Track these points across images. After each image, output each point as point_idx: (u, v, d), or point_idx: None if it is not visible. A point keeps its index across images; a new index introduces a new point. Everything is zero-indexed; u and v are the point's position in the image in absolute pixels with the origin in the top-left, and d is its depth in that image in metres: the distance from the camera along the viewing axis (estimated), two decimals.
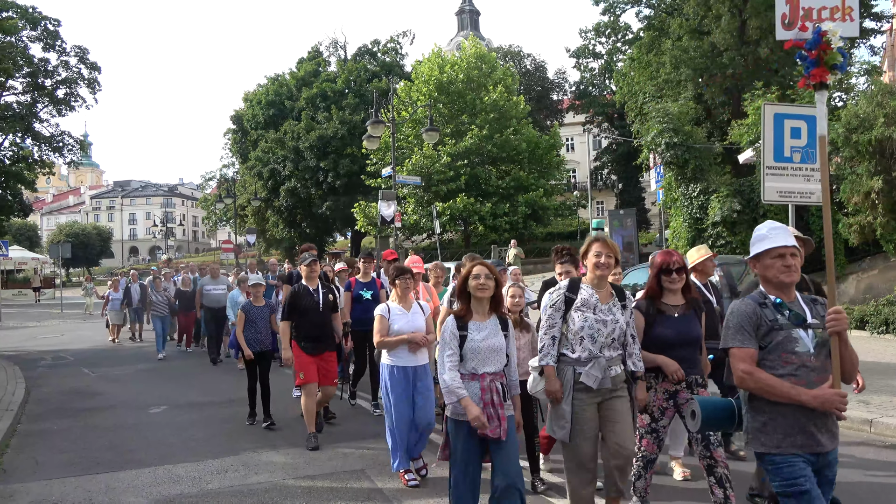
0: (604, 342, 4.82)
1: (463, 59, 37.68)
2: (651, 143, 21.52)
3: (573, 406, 4.78)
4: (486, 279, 4.81)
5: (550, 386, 4.88)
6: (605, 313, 4.87)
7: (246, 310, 9.11)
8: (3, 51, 33.66)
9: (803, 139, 9.79)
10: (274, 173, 48.43)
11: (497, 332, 4.82)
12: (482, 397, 4.67)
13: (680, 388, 5.24)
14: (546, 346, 4.93)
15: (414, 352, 6.45)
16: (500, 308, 4.99)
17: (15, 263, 48.11)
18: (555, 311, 4.95)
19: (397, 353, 6.44)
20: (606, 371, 4.79)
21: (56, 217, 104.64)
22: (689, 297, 5.41)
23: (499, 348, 4.78)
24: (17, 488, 6.50)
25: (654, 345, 5.23)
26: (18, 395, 10.87)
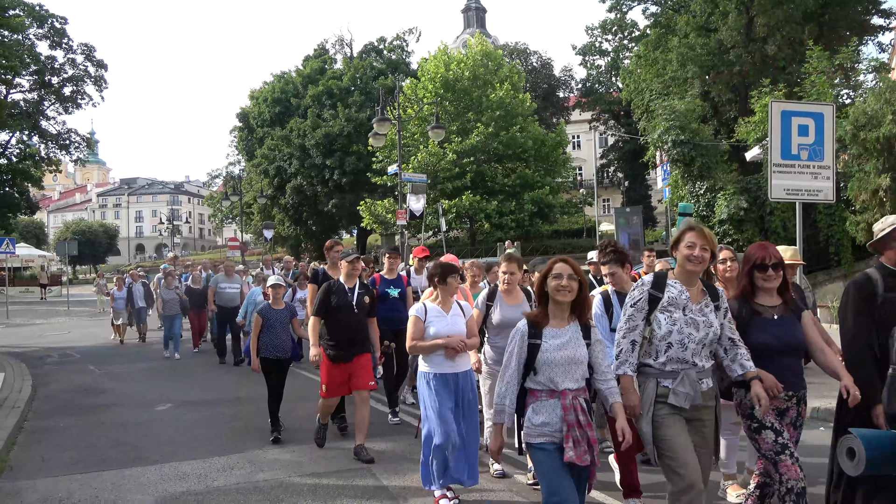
0: (694, 349, 4.15)
1: (469, 57, 37.62)
2: (658, 140, 21.48)
3: (654, 425, 4.13)
4: (570, 280, 4.11)
5: (628, 400, 4.21)
6: (697, 314, 4.20)
7: (264, 313, 8.19)
8: (10, 49, 33.68)
9: (811, 136, 9.76)
10: (280, 171, 48.44)
11: (578, 342, 4.13)
12: (565, 418, 4.00)
13: (790, 404, 4.50)
14: (624, 353, 4.24)
15: (452, 358, 5.73)
16: (584, 314, 4.27)
17: (22, 261, 48.26)
18: (636, 311, 4.26)
19: (434, 359, 5.76)
20: (697, 385, 4.13)
21: (63, 214, 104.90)
22: (787, 297, 4.65)
23: (579, 360, 4.10)
24: (24, 485, 6.51)
25: (752, 354, 4.36)
26: (25, 392, 10.89)
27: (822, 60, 19.75)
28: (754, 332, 4.45)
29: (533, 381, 4.11)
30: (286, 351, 8.23)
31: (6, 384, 11.42)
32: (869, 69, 22.29)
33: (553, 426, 4.02)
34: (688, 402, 4.09)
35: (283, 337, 8.17)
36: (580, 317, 4.23)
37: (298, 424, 8.65)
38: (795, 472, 4.21)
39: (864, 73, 22.22)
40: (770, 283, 4.54)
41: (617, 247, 5.98)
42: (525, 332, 4.15)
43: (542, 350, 4.08)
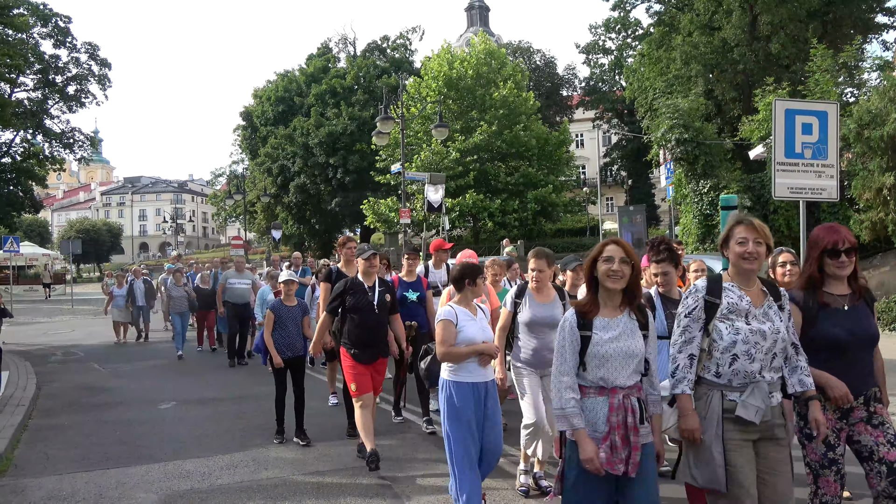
0: (763, 360, 3.67)
1: (472, 55, 37.58)
2: (661, 139, 21.47)
3: (725, 444, 3.63)
4: (621, 264, 3.67)
5: (687, 423, 3.71)
6: (762, 320, 3.72)
7: (275, 309, 7.90)
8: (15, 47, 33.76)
9: (814, 135, 9.74)
10: (283, 169, 48.48)
11: (633, 333, 3.72)
12: (609, 419, 3.62)
13: (857, 404, 4.05)
14: (681, 369, 3.76)
15: (486, 365, 5.32)
16: (638, 300, 3.83)
17: (26, 259, 48.34)
18: (692, 321, 3.79)
19: (465, 366, 5.23)
20: (768, 398, 3.64)
21: (67, 213, 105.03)
22: (857, 286, 4.16)
23: (635, 353, 3.68)
24: (29, 483, 6.53)
25: (820, 349, 3.99)
26: (30, 390, 10.91)
27: (826, 59, 19.72)
28: (823, 326, 4.02)
29: (580, 377, 3.73)
30: (298, 349, 7.94)
31: (11, 382, 11.45)
32: (873, 67, 22.23)
33: (596, 427, 3.65)
34: (758, 416, 3.61)
35: (295, 334, 7.90)
36: (633, 305, 3.81)
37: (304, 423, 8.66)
38: (835, 489, 3.97)
39: (868, 72, 22.18)
40: (843, 270, 4.08)
41: (671, 244, 5.62)
42: (574, 323, 3.75)
43: (592, 342, 3.68)
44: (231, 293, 14.14)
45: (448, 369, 5.31)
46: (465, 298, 5.45)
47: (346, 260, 8.37)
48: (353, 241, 8.58)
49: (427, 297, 8.35)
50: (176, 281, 15.85)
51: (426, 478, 6.39)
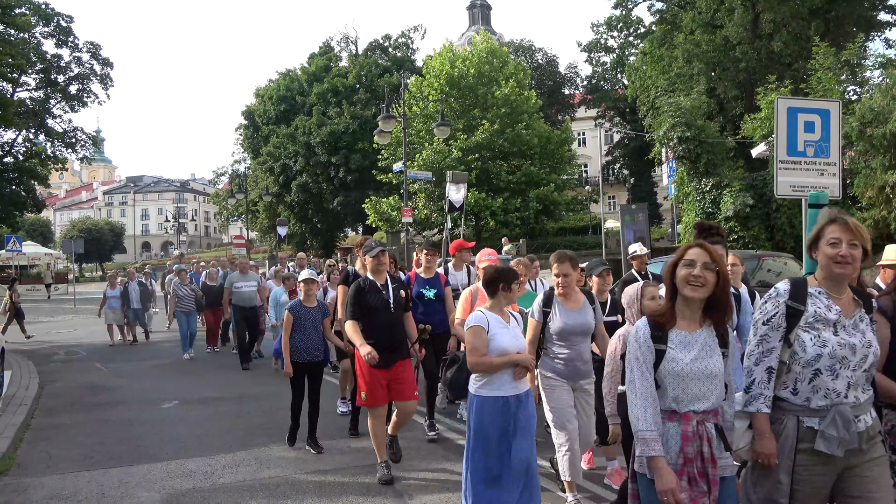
0: (850, 378, 3.23)
1: (474, 54, 37.56)
2: (663, 137, 21.46)
3: (795, 475, 3.24)
4: (704, 269, 3.20)
5: (762, 446, 3.30)
6: (851, 332, 3.28)
7: (295, 311, 7.47)
8: (17, 47, 33.82)
9: (817, 133, 9.71)
10: (285, 168, 48.52)
11: (713, 350, 3.24)
12: (684, 449, 3.18)
13: None
14: (757, 384, 3.34)
15: (520, 377, 4.87)
16: (721, 314, 3.31)
17: (28, 259, 48.48)
18: (771, 329, 3.35)
19: (495, 379, 4.82)
20: (852, 425, 3.18)
21: (69, 212, 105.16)
22: None
23: (714, 374, 3.21)
24: (31, 482, 6.54)
25: None
26: (32, 389, 10.92)
27: (828, 57, 19.70)
28: None
29: None
30: (318, 353, 7.49)
31: (13, 381, 11.46)
32: (875, 65, 22.19)
33: (668, 457, 3.19)
34: (841, 448, 3.16)
35: (315, 337, 7.47)
36: (715, 318, 3.32)
37: (302, 421, 8.65)
38: None
39: (871, 70, 22.15)
40: None
41: (720, 229, 5.13)
42: (647, 334, 3.30)
43: (667, 358, 3.23)
44: (238, 296, 13.73)
45: (476, 382, 4.91)
46: (498, 304, 5.04)
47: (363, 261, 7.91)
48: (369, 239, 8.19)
49: (446, 295, 7.92)
50: (182, 280, 15.41)
51: (428, 477, 6.39)
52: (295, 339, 7.42)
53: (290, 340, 7.40)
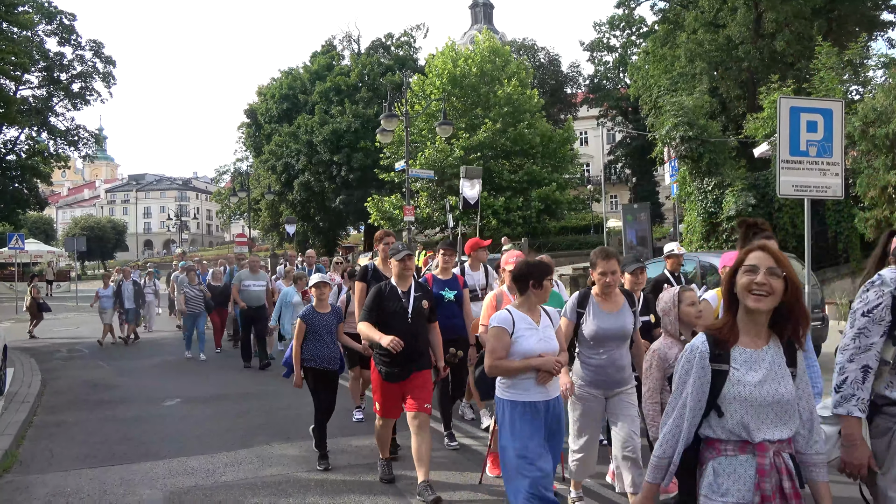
0: None
1: (476, 53, 37.57)
2: (665, 136, 21.43)
3: None
4: (769, 276, 2.76)
5: (852, 455, 3.03)
6: None
7: (308, 318, 6.93)
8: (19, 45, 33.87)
9: (819, 133, 9.72)
10: (287, 167, 48.52)
11: (782, 371, 2.80)
12: (760, 485, 2.73)
13: None
14: (850, 383, 3.04)
15: (545, 382, 4.47)
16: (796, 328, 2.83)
17: (31, 256, 48.48)
18: (872, 322, 3.06)
19: (521, 383, 4.48)
20: None
21: (71, 210, 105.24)
22: None
23: (786, 399, 2.77)
24: (34, 480, 6.55)
25: None
26: (35, 386, 10.94)
27: (831, 56, 19.68)
28: None
29: (715, 427, 2.82)
30: (334, 361, 7.00)
31: (16, 379, 11.48)
32: (878, 65, 22.19)
33: (741, 495, 2.75)
34: None
35: (330, 346, 6.96)
36: (785, 332, 2.85)
37: (305, 419, 8.66)
38: None
39: (874, 69, 22.16)
40: None
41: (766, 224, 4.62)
42: (706, 353, 2.83)
43: (731, 381, 2.78)
44: (246, 295, 13.27)
45: (501, 385, 4.61)
46: (528, 303, 4.64)
47: (384, 257, 7.42)
48: (392, 236, 7.68)
49: (464, 297, 7.45)
50: (190, 280, 14.79)
51: (431, 475, 6.38)
52: (309, 347, 6.90)
53: (304, 349, 6.89)
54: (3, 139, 39.59)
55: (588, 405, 5.13)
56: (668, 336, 4.71)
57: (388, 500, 5.80)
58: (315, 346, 6.90)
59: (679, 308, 4.65)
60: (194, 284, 14.70)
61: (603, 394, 5.12)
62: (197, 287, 14.69)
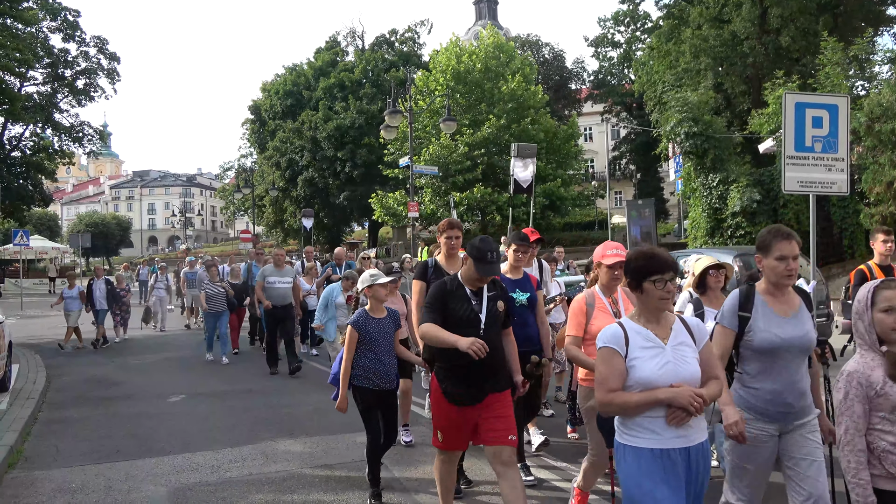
0: None
1: (481, 49, 37.53)
2: (670, 132, 21.41)
3: None
4: None
5: None
6: None
7: (361, 325, 5.60)
8: (24, 42, 33.91)
9: (825, 128, 9.68)
10: (292, 163, 48.59)
11: None
12: None
13: None
14: None
15: (680, 423, 3.20)
16: None
17: (36, 253, 48.59)
18: None
19: (646, 423, 3.24)
20: None
21: (76, 207, 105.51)
22: None
23: None
24: (39, 475, 6.56)
25: None
26: (39, 383, 10.96)
27: (836, 52, 19.63)
28: None
29: None
30: (391, 378, 5.67)
31: (21, 375, 11.50)
32: (884, 60, 22.15)
33: None
34: None
35: (386, 358, 5.63)
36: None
37: (309, 416, 8.68)
38: None
39: (879, 65, 22.12)
40: None
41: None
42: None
43: None
44: (271, 293, 11.95)
45: (620, 425, 3.36)
46: (647, 310, 3.38)
47: (447, 251, 6.14)
48: (458, 226, 6.20)
49: (538, 301, 6.14)
50: (212, 276, 13.69)
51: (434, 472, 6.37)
52: (361, 361, 5.60)
53: (356, 363, 5.61)
54: (8, 136, 39.69)
55: (752, 449, 3.68)
56: (866, 349, 3.28)
57: (392, 496, 5.79)
58: (369, 360, 5.60)
59: (872, 312, 3.24)
60: (216, 281, 13.65)
61: (775, 427, 3.71)
62: (219, 284, 13.63)
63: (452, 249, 6.11)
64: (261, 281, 12.19)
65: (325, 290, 10.26)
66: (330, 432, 7.79)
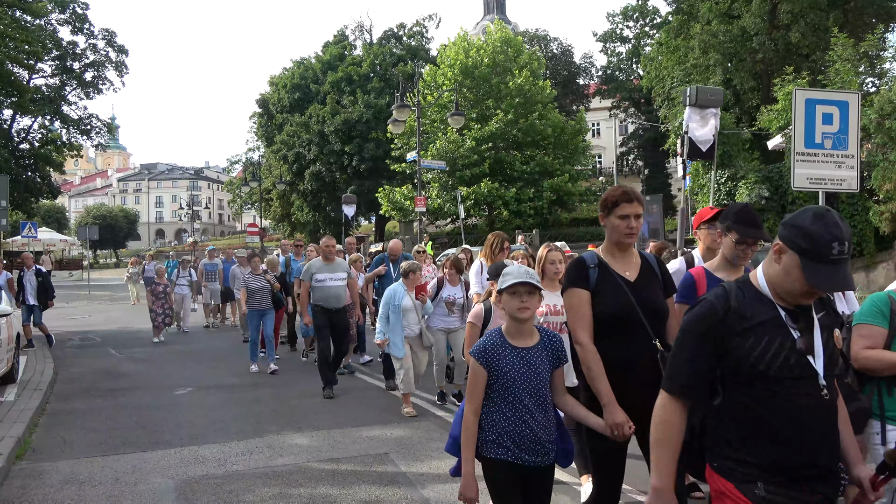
0: None
1: (489, 44, 37.48)
2: (679, 128, 21.32)
3: None
4: None
5: None
6: None
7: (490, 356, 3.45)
8: (33, 34, 33.95)
9: (835, 125, 9.63)
10: (299, 157, 48.59)
11: None
12: None
13: None
14: None
15: None
16: None
17: (44, 245, 48.77)
18: None
19: None
20: None
21: (84, 199, 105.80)
22: None
23: None
24: (46, 467, 6.58)
25: None
26: (47, 374, 11.00)
27: (846, 48, 19.50)
28: None
29: None
30: (545, 448, 3.46)
31: (29, 367, 11.55)
32: (895, 57, 22.03)
33: None
34: None
35: (538, 414, 3.45)
36: None
37: (315, 409, 8.68)
38: None
39: (890, 61, 21.97)
40: None
41: None
42: None
43: None
44: (321, 293, 9.59)
45: None
46: None
47: (622, 236, 3.76)
48: (639, 199, 3.74)
49: None
50: (254, 269, 11.70)
51: (441, 466, 6.36)
52: (495, 417, 3.44)
53: (486, 420, 3.47)
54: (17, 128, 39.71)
55: None
56: None
57: (398, 491, 5.78)
58: (507, 417, 3.42)
59: None
60: (259, 274, 11.60)
61: None
62: (263, 278, 11.60)
63: (630, 237, 3.74)
64: (307, 280, 9.67)
65: (385, 294, 8.44)
66: (337, 426, 7.80)
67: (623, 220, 3.68)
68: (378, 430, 7.60)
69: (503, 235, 7.76)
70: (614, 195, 3.72)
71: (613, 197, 3.74)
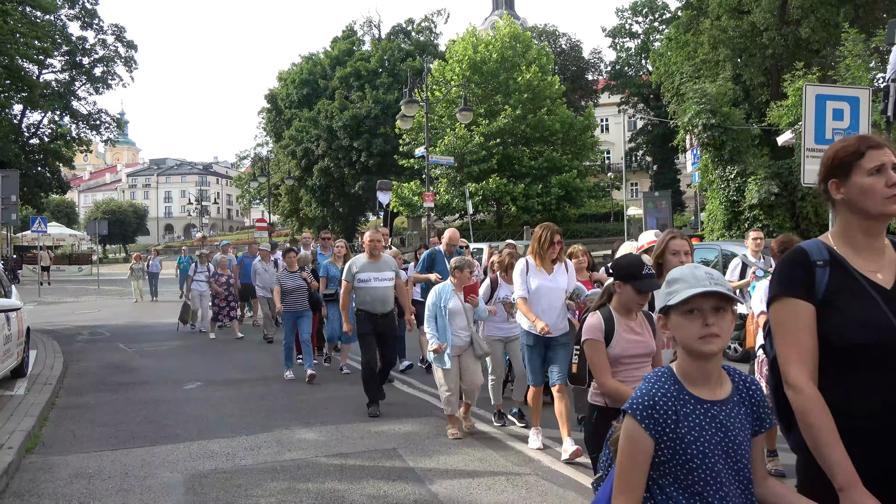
0: None
1: (497, 39, 37.43)
2: (688, 124, 21.24)
3: None
4: None
5: None
6: None
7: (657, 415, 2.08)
8: (42, 29, 34.09)
9: (846, 121, 9.56)
10: (307, 152, 48.65)
11: None
12: None
13: None
14: None
15: None
16: None
17: (53, 239, 49.02)
18: None
19: None
20: None
21: (93, 194, 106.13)
22: None
23: None
24: (56, 461, 6.60)
25: None
26: (57, 369, 11.03)
27: (857, 43, 19.38)
28: None
29: None
30: None
31: (39, 361, 11.59)
32: None
33: None
34: None
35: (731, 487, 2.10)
36: None
37: (324, 404, 8.69)
38: None
39: None
40: None
41: None
42: None
43: None
44: (366, 296, 8.24)
45: None
46: None
47: None
48: None
49: None
50: (289, 265, 10.75)
51: (449, 461, 6.36)
52: (673, 493, 2.11)
53: None
54: (27, 123, 39.95)
55: None
56: None
57: (406, 486, 5.78)
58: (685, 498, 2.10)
59: None
60: (295, 272, 10.65)
61: None
62: (299, 276, 10.61)
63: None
64: (349, 280, 8.31)
65: (431, 292, 7.40)
66: (345, 421, 7.80)
67: (879, 176, 2.33)
68: (386, 426, 7.59)
69: (554, 227, 6.36)
70: (850, 145, 2.39)
71: (850, 147, 2.40)
